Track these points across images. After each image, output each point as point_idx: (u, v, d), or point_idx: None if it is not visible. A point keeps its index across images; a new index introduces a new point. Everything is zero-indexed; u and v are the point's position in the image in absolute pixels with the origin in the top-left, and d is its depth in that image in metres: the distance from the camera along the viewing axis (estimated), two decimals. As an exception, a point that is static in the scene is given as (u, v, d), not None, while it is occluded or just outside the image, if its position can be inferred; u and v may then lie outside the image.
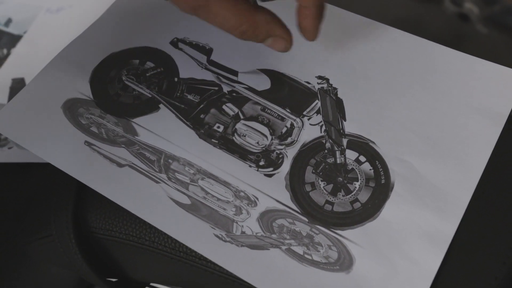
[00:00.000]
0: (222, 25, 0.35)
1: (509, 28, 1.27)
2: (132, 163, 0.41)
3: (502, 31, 1.28)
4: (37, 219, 0.46)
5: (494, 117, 0.40)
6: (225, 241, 0.37)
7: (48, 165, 0.47)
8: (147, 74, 0.45)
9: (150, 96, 0.44)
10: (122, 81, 0.45)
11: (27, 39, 0.71)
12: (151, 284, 0.56)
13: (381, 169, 0.39)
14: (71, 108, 0.43)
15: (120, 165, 0.41)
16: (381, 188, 0.38)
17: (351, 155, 0.40)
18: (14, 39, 0.71)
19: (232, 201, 0.39)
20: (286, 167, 0.40)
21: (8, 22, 0.73)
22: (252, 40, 0.37)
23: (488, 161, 0.38)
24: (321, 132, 0.41)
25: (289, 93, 0.43)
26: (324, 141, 0.41)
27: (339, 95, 0.43)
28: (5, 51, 0.71)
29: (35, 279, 0.52)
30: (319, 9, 0.37)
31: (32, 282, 0.52)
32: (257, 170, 0.40)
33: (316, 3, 0.36)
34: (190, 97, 0.44)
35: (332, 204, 0.38)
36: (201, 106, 0.43)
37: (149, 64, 0.46)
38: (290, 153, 0.41)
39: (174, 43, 0.47)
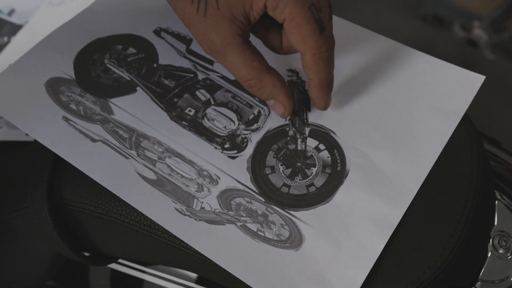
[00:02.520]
0: (234, 73, 0.39)
1: (516, 56, 1.28)
2: (105, 139, 0.43)
3: (509, 59, 1.30)
4: (16, 192, 0.48)
5: (449, 115, 0.42)
6: (185, 214, 0.40)
7: (29, 144, 0.50)
8: (128, 59, 0.48)
9: (128, 79, 0.47)
10: (104, 64, 0.47)
11: (27, 29, 0.75)
12: (129, 264, 0.58)
13: (338, 157, 0.41)
14: (53, 86, 0.46)
15: (93, 140, 0.43)
16: (336, 174, 0.40)
17: (311, 143, 0.42)
18: (15, 28, 0.75)
19: (195, 178, 0.41)
20: (249, 150, 0.42)
21: (11, 12, 0.77)
22: (256, 95, 0.41)
23: (440, 156, 0.40)
24: (285, 121, 0.43)
25: None
26: (287, 129, 0.43)
27: (306, 88, 0.45)
28: (5, 39, 0.74)
29: (15, 253, 0.55)
30: (325, 83, 0.40)
31: (12, 255, 0.54)
32: (222, 152, 0.42)
33: (320, 77, 0.39)
34: (166, 82, 0.46)
35: (289, 186, 0.40)
36: (176, 90, 0.46)
37: (131, 50, 0.48)
38: (255, 138, 0.43)
39: (157, 32, 0.49)
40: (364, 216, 0.38)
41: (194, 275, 0.59)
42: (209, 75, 0.46)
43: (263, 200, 0.40)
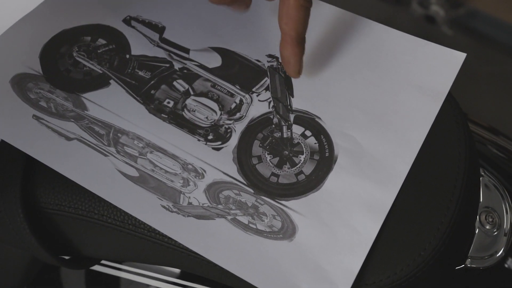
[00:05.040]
0: None
1: (472, 31, 1.31)
2: (81, 136, 0.41)
3: (466, 33, 1.33)
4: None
5: (434, 94, 0.42)
6: (172, 211, 0.38)
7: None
8: (99, 51, 0.45)
9: (101, 72, 0.44)
10: (73, 57, 0.45)
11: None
12: (102, 262, 0.56)
13: (325, 143, 0.40)
14: (20, 83, 0.43)
15: (68, 138, 0.41)
16: (325, 160, 0.40)
17: (297, 129, 0.41)
18: (-32, 22, 0.70)
19: (180, 173, 0.40)
20: (234, 141, 0.41)
21: (-37, 4, 0.72)
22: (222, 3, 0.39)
23: (427, 136, 0.40)
24: (269, 108, 0.42)
25: (239, 70, 0.44)
26: (272, 116, 0.42)
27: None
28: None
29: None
30: (300, 37, 0.39)
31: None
32: (206, 144, 0.41)
33: (297, 28, 0.38)
34: (141, 73, 0.44)
35: (277, 176, 0.39)
36: (152, 82, 0.44)
37: (101, 41, 0.46)
38: (239, 127, 0.41)
39: (127, 21, 0.47)
40: (356, 202, 0.38)
41: (172, 270, 0.58)
42: (186, 64, 0.44)
43: (252, 191, 0.39)
